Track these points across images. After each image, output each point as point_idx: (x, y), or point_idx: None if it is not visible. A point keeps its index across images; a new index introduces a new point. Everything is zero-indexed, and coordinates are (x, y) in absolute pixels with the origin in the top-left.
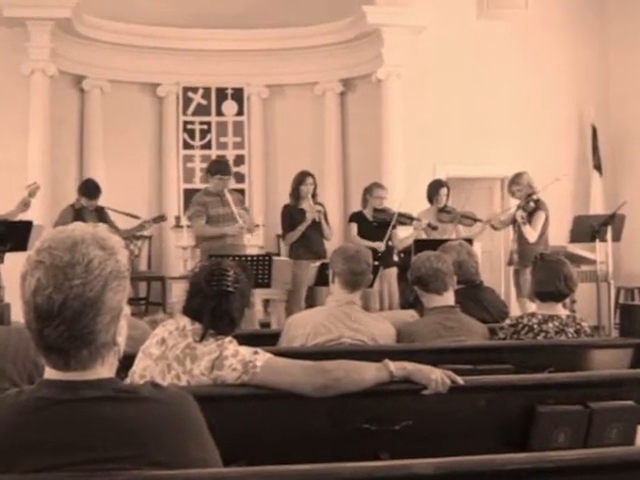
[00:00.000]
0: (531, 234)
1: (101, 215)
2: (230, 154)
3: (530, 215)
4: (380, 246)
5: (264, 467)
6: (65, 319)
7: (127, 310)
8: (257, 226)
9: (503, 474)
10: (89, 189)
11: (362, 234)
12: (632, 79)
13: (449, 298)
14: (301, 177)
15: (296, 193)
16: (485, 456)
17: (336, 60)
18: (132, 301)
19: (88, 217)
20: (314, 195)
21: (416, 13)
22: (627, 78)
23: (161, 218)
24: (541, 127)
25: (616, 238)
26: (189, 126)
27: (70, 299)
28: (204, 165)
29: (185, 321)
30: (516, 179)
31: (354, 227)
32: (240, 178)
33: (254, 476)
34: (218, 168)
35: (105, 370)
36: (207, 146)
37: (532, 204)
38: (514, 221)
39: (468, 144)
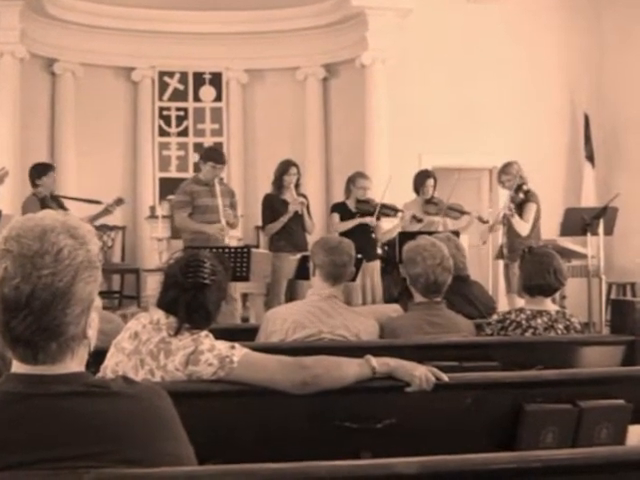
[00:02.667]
0: (523, 227)
1: (59, 203)
2: (208, 141)
3: (520, 207)
4: (372, 220)
5: (239, 465)
6: (33, 310)
7: (98, 302)
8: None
9: (488, 474)
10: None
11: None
12: (626, 66)
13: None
14: (285, 166)
15: (279, 183)
16: (470, 455)
17: (319, 44)
18: (105, 294)
19: (52, 206)
20: (297, 186)
21: None
22: (621, 65)
23: (120, 201)
24: (531, 115)
25: (608, 232)
26: (165, 112)
27: (39, 290)
28: (180, 153)
29: (159, 314)
30: (506, 169)
31: (336, 216)
32: None
33: (229, 475)
34: (212, 155)
35: (75, 364)
36: (184, 133)
37: (521, 195)
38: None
39: (455, 133)
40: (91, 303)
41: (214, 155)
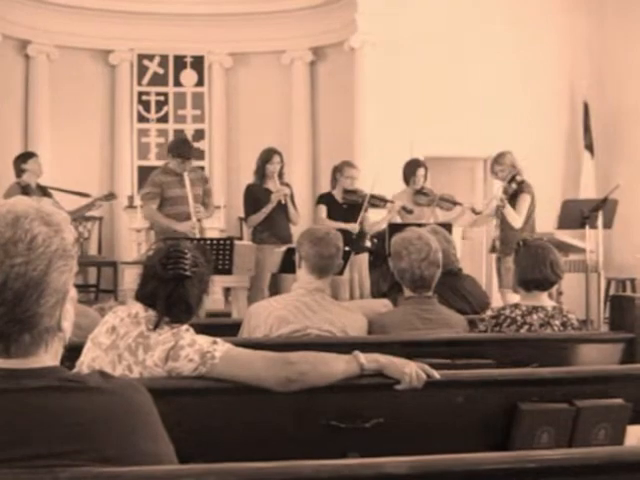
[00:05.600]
0: (516, 219)
1: (45, 193)
2: (189, 128)
3: (513, 198)
4: (354, 227)
5: (220, 464)
6: (5, 301)
7: (73, 293)
8: (217, 207)
9: (480, 474)
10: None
11: (332, 218)
12: (630, 51)
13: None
14: (267, 155)
15: (261, 172)
16: (461, 455)
17: (306, 26)
18: (81, 288)
19: (35, 195)
20: (281, 175)
21: None
22: (624, 50)
23: (112, 196)
24: (528, 103)
25: (607, 225)
26: (144, 97)
27: (11, 279)
28: (160, 140)
29: (138, 307)
30: (499, 159)
31: (323, 209)
32: (199, 155)
33: (210, 474)
34: (179, 151)
35: (49, 358)
36: (164, 119)
37: (514, 186)
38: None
39: (449, 120)
40: (66, 294)
41: (181, 150)
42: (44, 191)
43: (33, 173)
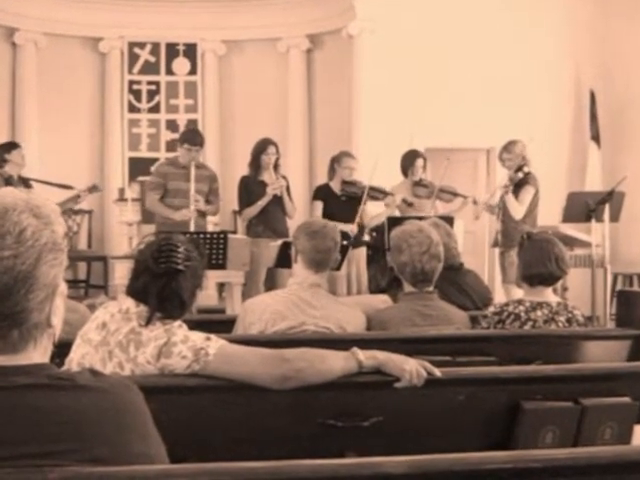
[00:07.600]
0: (517, 209)
1: (27, 186)
2: (181, 118)
3: (517, 188)
4: (352, 229)
5: (213, 464)
6: None
7: (63, 287)
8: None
9: (482, 474)
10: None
11: (329, 211)
12: (636, 39)
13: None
14: (262, 145)
15: (256, 163)
16: (462, 455)
17: (302, 13)
18: (71, 283)
19: (18, 187)
20: (276, 166)
21: None
22: (632, 37)
23: (95, 188)
24: (532, 92)
25: (614, 218)
26: (135, 86)
27: None
28: (151, 131)
29: (129, 303)
30: (509, 147)
31: (319, 206)
32: None
33: (203, 474)
34: (186, 137)
35: (38, 354)
36: (155, 109)
37: (520, 175)
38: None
39: (450, 110)
40: (55, 288)
41: (189, 136)
42: (26, 183)
43: (16, 165)
